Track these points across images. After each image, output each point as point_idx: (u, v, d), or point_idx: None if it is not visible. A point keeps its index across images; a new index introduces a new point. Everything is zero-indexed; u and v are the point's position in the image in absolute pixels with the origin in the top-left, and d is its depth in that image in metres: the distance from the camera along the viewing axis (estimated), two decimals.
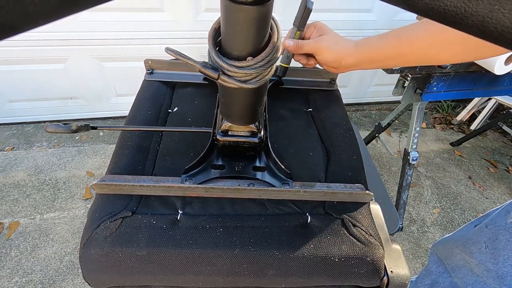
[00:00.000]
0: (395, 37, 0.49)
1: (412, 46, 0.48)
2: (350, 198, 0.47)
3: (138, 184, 0.44)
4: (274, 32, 0.34)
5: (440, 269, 0.78)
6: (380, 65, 0.54)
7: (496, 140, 2.04)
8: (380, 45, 0.51)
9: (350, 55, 0.53)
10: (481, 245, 0.62)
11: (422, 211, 1.54)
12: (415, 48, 0.48)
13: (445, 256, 0.76)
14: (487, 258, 0.61)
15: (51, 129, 0.45)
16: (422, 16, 0.14)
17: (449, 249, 0.74)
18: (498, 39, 0.12)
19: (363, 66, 0.54)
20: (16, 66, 1.54)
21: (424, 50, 0.47)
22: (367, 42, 0.52)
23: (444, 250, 0.76)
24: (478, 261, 0.63)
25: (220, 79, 0.35)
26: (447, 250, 0.75)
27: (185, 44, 1.58)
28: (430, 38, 0.45)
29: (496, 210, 0.64)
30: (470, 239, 0.66)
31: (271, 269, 0.42)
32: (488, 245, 0.61)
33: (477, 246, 0.64)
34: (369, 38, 0.53)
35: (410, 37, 0.47)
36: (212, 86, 0.67)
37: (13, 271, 1.17)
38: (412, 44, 0.48)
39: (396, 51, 0.50)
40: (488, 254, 0.61)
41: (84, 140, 1.75)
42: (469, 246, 0.66)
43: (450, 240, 0.74)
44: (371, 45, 0.52)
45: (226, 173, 0.48)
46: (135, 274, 0.42)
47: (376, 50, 0.51)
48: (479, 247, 0.63)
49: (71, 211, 1.38)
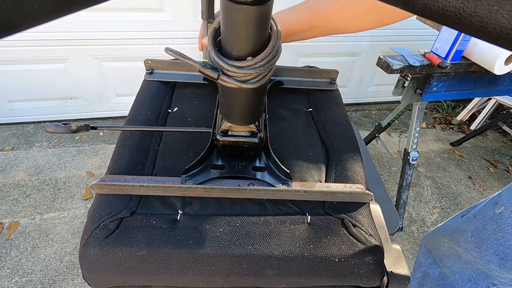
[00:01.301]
0: (306, 11, 0.51)
1: (323, 19, 0.50)
2: (350, 198, 0.47)
3: (138, 184, 0.44)
4: (274, 32, 0.34)
5: (429, 260, 0.78)
6: (296, 38, 0.55)
7: (496, 140, 2.04)
8: (293, 20, 0.52)
9: None
10: (467, 234, 0.64)
11: (422, 211, 1.54)
12: (326, 21, 0.50)
13: (433, 247, 0.77)
14: (472, 246, 0.62)
15: (51, 129, 0.45)
16: (421, 16, 0.14)
17: (437, 239, 0.75)
18: (497, 39, 0.12)
19: None
20: (16, 66, 1.54)
21: (335, 22, 0.49)
22: (280, 17, 0.52)
23: (433, 241, 0.77)
24: (464, 249, 0.65)
25: (220, 79, 0.35)
26: (435, 240, 0.76)
27: (185, 44, 1.58)
28: (340, 10, 0.47)
29: (483, 202, 0.65)
30: (457, 229, 0.68)
31: (271, 269, 0.42)
32: (474, 234, 0.62)
33: (464, 235, 0.65)
34: (281, 13, 0.53)
35: (320, 10, 0.49)
36: (212, 86, 0.67)
37: (13, 271, 1.17)
38: (322, 17, 0.49)
39: (309, 24, 0.51)
40: (473, 243, 0.62)
41: (84, 140, 1.75)
42: (456, 236, 0.67)
43: (438, 231, 0.76)
44: (285, 20, 0.52)
45: (226, 173, 0.48)
46: (135, 274, 0.42)
47: (290, 24, 0.52)
48: (465, 236, 0.64)
49: (71, 211, 1.38)
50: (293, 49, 1.73)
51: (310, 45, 1.73)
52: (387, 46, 1.77)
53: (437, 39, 1.07)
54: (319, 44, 1.74)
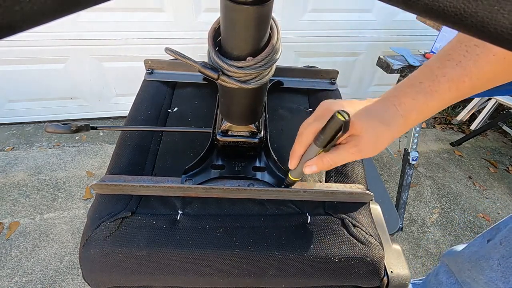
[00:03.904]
0: (453, 83, 0.33)
1: (477, 83, 0.33)
2: (350, 198, 0.47)
3: (138, 184, 0.44)
4: (274, 32, 0.34)
5: (451, 280, 0.77)
6: None
7: (496, 140, 2.04)
8: (436, 104, 0.34)
9: (399, 133, 0.37)
10: (493, 262, 0.61)
11: (422, 211, 1.53)
12: (480, 85, 0.33)
13: (456, 270, 0.75)
14: (498, 276, 0.60)
15: (51, 129, 0.45)
16: (421, 16, 0.13)
17: (460, 264, 0.72)
18: (498, 40, 0.12)
19: None
20: (16, 66, 1.53)
21: (492, 81, 0.33)
22: (418, 105, 0.35)
23: (455, 264, 0.75)
24: (488, 279, 0.62)
25: (220, 79, 0.35)
26: (457, 264, 0.74)
27: (185, 44, 1.58)
28: (501, 64, 0.31)
29: (507, 224, 0.62)
30: (483, 256, 0.65)
31: (271, 269, 0.42)
32: (501, 262, 0.59)
33: (489, 263, 0.62)
34: (417, 96, 0.35)
35: (473, 75, 0.32)
36: (212, 86, 0.67)
37: (13, 271, 1.17)
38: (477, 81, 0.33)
39: (458, 97, 0.34)
40: (499, 272, 0.59)
41: (84, 140, 1.75)
42: (481, 263, 0.64)
43: (461, 255, 0.73)
44: (424, 108, 0.35)
45: (226, 173, 0.48)
46: (135, 274, 0.42)
47: (432, 110, 0.35)
48: (491, 264, 0.61)
49: (71, 211, 1.38)
50: (293, 49, 1.73)
51: (310, 45, 1.73)
52: (387, 46, 1.76)
53: (437, 39, 1.07)
54: (319, 44, 1.74)
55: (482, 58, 0.32)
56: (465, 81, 0.33)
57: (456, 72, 0.33)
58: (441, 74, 0.33)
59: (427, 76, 0.34)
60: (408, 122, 0.36)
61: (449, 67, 0.33)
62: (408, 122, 0.36)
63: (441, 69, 0.34)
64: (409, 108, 0.35)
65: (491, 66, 0.32)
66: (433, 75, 0.34)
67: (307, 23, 1.62)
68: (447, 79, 0.33)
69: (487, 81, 0.33)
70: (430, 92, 0.34)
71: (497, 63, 0.31)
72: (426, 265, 1.31)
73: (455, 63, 0.33)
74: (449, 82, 0.33)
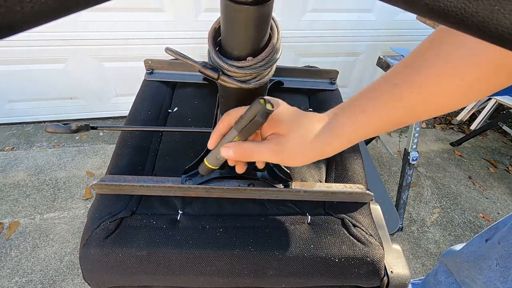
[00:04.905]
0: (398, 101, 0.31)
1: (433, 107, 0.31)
2: (350, 198, 0.47)
3: (138, 184, 0.44)
4: (274, 32, 0.34)
5: (449, 279, 0.77)
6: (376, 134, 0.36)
7: (496, 140, 2.04)
8: (375, 121, 0.33)
9: (330, 150, 0.35)
10: (492, 262, 0.61)
11: (422, 211, 1.53)
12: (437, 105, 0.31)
13: (455, 270, 0.75)
14: (496, 276, 0.60)
15: (51, 129, 0.45)
16: (422, 16, 0.13)
17: (458, 264, 0.73)
18: (499, 40, 0.12)
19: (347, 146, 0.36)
20: (16, 66, 1.53)
21: (454, 103, 0.31)
22: (352, 122, 0.33)
23: (453, 264, 0.75)
24: (487, 279, 0.62)
25: (220, 79, 0.35)
26: (456, 264, 0.74)
27: (185, 44, 1.58)
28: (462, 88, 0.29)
29: (505, 223, 0.62)
30: (481, 256, 0.65)
31: (271, 269, 0.42)
32: (499, 262, 0.59)
33: (488, 263, 0.62)
34: (354, 111, 0.33)
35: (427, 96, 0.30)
36: (212, 86, 0.67)
37: (13, 271, 1.17)
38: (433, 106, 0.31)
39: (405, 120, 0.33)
40: (498, 272, 0.59)
41: (84, 140, 1.75)
42: (480, 263, 0.64)
43: (460, 255, 0.73)
44: (361, 124, 0.33)
45: (226, 173, 0.48)
46: (135, 274, 0.42)
47: (371, 127, 0.33)
48: (490, 264, 0.62)
49: (71, 211, 1.38)
50: (293, 49, 1.73)
51: (310, 45, 1.73)
52: (387, 46, 1.76)
53: None
54: (319, 44, 1.74)
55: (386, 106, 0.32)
56: None
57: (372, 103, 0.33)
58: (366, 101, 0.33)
59: (366, 95, 0.34)
60: (338, 139, 0.34)
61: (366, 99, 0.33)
62: (338, 138, 0.34)
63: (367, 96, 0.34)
64: (340, 123, 0.34)
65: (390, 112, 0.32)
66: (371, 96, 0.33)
67: (307, 23, 1.62)
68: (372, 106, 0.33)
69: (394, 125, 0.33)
70: (364, 111, 0.33)
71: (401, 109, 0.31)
72: (426, 265, 1.31)
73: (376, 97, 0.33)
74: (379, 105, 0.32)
